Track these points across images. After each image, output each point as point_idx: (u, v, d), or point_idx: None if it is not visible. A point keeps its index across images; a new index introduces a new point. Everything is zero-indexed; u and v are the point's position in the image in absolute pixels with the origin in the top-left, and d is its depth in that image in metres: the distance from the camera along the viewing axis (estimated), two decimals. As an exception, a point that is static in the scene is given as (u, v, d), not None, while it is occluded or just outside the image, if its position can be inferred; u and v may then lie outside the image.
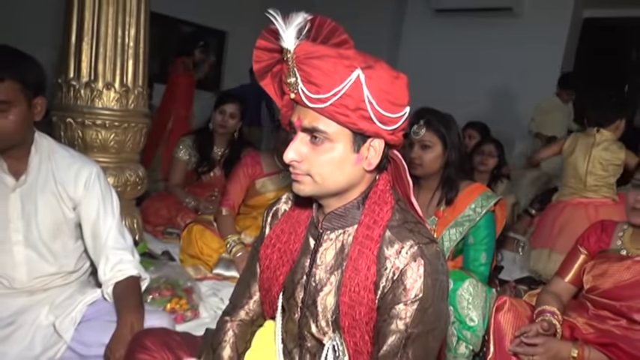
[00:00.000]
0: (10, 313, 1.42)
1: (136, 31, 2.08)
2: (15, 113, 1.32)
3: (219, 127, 2.85)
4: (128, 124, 2.09)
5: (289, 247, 1.07)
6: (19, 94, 1.33)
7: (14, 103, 1.32)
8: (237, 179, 2.43)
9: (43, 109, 1.42)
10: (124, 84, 2.07)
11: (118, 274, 1.48)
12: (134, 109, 2.11)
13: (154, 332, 1.27)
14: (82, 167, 1.52)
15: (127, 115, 2.08)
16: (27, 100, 1.36)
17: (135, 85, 2.10)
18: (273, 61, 0.97)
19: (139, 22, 2.09)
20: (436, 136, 1.74)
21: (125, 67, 2.07)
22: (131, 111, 2.10)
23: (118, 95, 2.04)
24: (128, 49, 2.06)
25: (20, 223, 1.44)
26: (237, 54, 8.12)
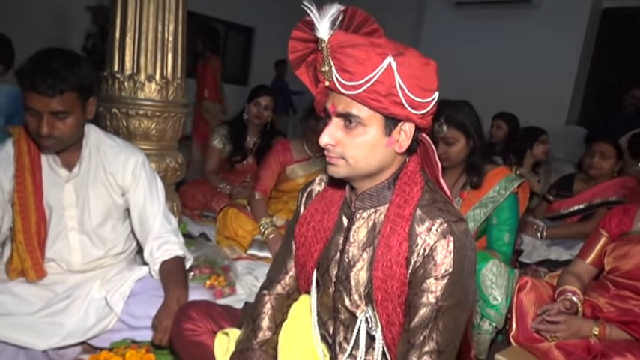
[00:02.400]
0: (66, 288, 1.56)
1: (175, 27, 2.20)
2: (72, 119, 1.41)
3: (254, 118, 2.98)
4: (168, 113, 2.22)
5: (323, 225, 1.15)
6: (77, 102, 1.42)
7: (72, 111, 1.40)
8: (269, 166, 2.56)
9: (94, 107, 1.52)
10: (164, 76, 2.19)
11: (165, 254, 1.60)
12: (173, 99, 2.23)
13: (197, 304, 1.38)
14: (129, 156, 1.63)
15: (166, 106, 2.21)
16: (82, 105, 1.45)
17: (174, 78, 2.23)
18: (307, 51, 1.04)
19: (177, 18, 2.20)
20: (458, 130, 1.81)
21: (165, 61, 2.19)
22: (170, 101, 2.22)
23: (158, 87, 2.17)
24: (167, 43, 2.19)
25: (74, 211, 1.56)
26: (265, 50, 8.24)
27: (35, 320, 1.45)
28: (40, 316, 1.46)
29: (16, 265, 1.49)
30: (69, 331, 1.47)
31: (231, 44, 8.67)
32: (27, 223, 1.48)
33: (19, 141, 1.50)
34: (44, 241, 1.52)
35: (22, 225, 1.48)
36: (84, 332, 1.49)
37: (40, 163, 1.51)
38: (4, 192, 1.48)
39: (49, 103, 1.35)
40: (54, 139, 1.41)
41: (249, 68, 8.71)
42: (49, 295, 1.53)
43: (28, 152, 1.49)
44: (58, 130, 1.39)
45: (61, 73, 1.36)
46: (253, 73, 8.47)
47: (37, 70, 1.34)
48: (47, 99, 1.34)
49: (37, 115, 1.37)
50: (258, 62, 8.35)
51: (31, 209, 1.48)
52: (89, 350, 1.52)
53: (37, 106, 1.35)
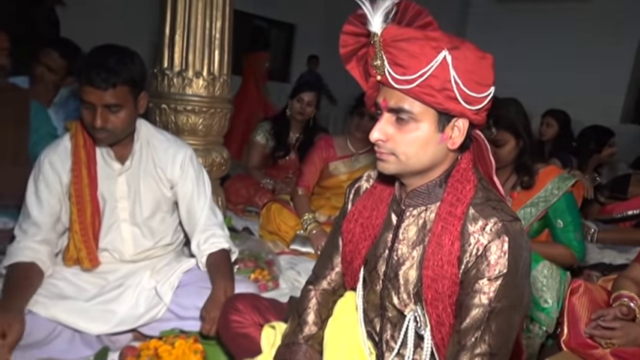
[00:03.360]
0: (118, 277, 1.61)
1: (222, 24, 2.24)
2: (124, 112, 1.46)
3: (297, 114, 2.99)
4: (214, 109, 2.26)
5: (371, 222, 1.14)
6: (129, 96, 1.47)
7: (125, 104, 1.46)
8: (312, 162, 2.57)
9: (145, 102, 1.57)
10: (211, 72, 2.23)
11: (212, 247, 1.63)
12: (220, 95, 2.27)
13: (244, 296, 1.41)
14: (178, 150, 1.67)
15: (213, 102, 2.25)
16: (134, 99, 1.49)
17: (220, 74, 2.26)
18: (358, 45, 1.02)
19: (224, 15, 2.24)
20: (507, 132, 1.76)
21: (212, 57, 2.23)
22: (217, 97, 2.26)
23: (205, 83, 2.22)
24: (215, 40, 2.22)
25: (126, 203, 1.61)
26: (306, 46, 8.29)
27: (89, 307, 1.51)
28: (94, 303, 1.52)
29: (72, 254, 1.55)
30: (121, 319, 1.52)
31: (274, 41, 8.76)
32: (82, 214, 1.54)
33: (76, 135, 1.56)
34: (98, 232, 1.57)
35: (78, 216, 1.54)
36: (135, 320, 1.54)
37: (95, 157, 1.57)
38: (62, 184, 1.54)
39: (102, 97, 1.40)
40: (107, 132, 1.46)
41: (290, 65, 8.78)
42: (102, 283, 1.59)
43: (83, 146, 1.55)
44: (111, 122, 1.44)
45: (115, 67, 1.42)
46: (294, 69, 8.53)
47: (93, 65, 1.40)
48: (101, 92, 1.40)
49: (91, 108, 1.42)
50: (299, 59, 8.40)
51: (86, 201, 1.54)
52: (139, 338, 1.57)
53: (92, 100, 1.41)
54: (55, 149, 1.57)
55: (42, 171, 1.53)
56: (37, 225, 1.50)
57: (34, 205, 1.51)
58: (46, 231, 1.52)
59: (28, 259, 1.45)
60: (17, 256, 1.44)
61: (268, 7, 7.73)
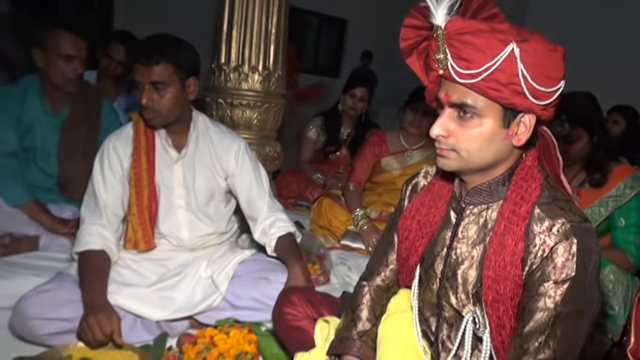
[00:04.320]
0: (177, 265, 1.67)
1: (278, 19, 2.26)
2: (170, 92, 1.52)
3: (350, 109, 2.99)
4: (269, 104, 2.29)
5: (429, 219, 1.12)
6: (173, 76, 1.52)
7: (169, 84, 1.51)
8: (363, 157, 2.55)
9: (196, 89, 1.61)
10: (267, 67, 2.26)
11: (279, 231, 1.68)
12: (274, 90, 2.30)
13: (299, 290, 1.42)
14: (232, 142, 1.72)
15: (268, 96, 2.29)
16: (180, 81, 1.54)
17: (275, 69, 2.29)
18: (419, 39, 1.00)
19: (280, 10, 2.26)
20: (581, 128, 1.68)
21: (268, 53, 2.26)
22: (272, 92, 2.30)
23: (261, 78, 2.25)
24: (271, 35, 2.25)
25: (182, 190, 1.67)
26: (357, 41, 8.25)
27: (150, 293, 1.57)
28: (154, 290, 1.58)
29: (130, 236, 1.62)
30: (179, 306, 1.58)
31: (325, 36, 8.77)
32: (140, 198, 1.61)
33: (137, 123, 1.64)
34: (155, 216, 1.64)
35: (136, 199, 1.61)
36: (192, 308, 1.59)
37: (154, 144, 1.64)
38: (123, 168, 1.62)
39: (147, 73, 1.48)
40: (153, 112, 1.52)
41: (341, 60, 8.76)
42: (162, 270, 1.65)
43: (144, 133, 1.63)
44: (156, 102, 1.50)
45: (160, 46, 1.50)
46: (345, 65, 8.51)
47: (141, 45, 1.52)
48: (146, 69, 1.48)
49: (139, 86, 1.50)
50: (351, 54, 8.37)
51: (144, 185, 1.61)
52: (196, 326, 1.62)
53: (139, 78, 1.49)
54: (118, 135, 1.65)
55: (106, 155, 1.62)
56: (103, 205, 1.58)
57: (101, 186, 1.60)
58: (111, 212, 1.60)
59: (98, 247, 1.52)
60: (88, 244, 1.52)
61: (319, 2, 7.74)
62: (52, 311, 1.41)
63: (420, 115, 2.40)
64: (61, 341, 1.41)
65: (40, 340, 1.42)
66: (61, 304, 1.42)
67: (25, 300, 1.42)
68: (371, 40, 8.21)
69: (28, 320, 1.39)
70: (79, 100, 2.12)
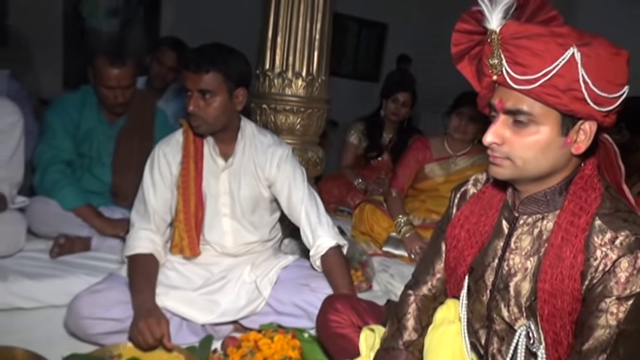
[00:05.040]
0: (221, 269, 1.69)
1: (322, 25, 2.28)
2: (217, 101, 1.53)
3: (392, 114, 2.97)
4: (312, 109, 2.30)
5: (479, 228, 1.08)
6: (222, 85, 1.52)
7: (217, 93, 1.52)
8: (406, 163, 2.52)
9: (244, 99, 1.61)
10: (310, 73, 2.28)
11: (320, 249, 1.64)
12: (317, 96, 2.31)
13: (343, 297, 1.41)
14: (276, 150, 1.71)
15: (311, 102, 2.30)
16: (228, 91, 1.55)
17: (319, 75, 2.30)
18: (472, 44, 0.98)
19: (324, 16, 2.28)
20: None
21: (312, 58, 2.28)
22: (315, 98, 2.31)
23: (304, 84, 2.27)
24: (315, 41, 2.27)
25: (227, 199, 1.68)
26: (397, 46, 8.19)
27: (196, 296, 1.60)
28: (200, 293, 1.61)
29: (177, 242, 1.65)
30: (223, 310, 1.59)
31: (364, 41, 8.74)
32: (187, 205, 1.63)
33: (187, 131, 1.66)
34: (201, 223, 1.66)
35: (183, 206, 1.63)
36: (236, 312, 1.60)
37: (203, 152, 1.66)
38: (172, 175, 1.65)
39: (196, 81, 1.50)
40: (200, 119, 1.53)
41: (381, 65, 8.72)
42: (207, 275, 1.68)
43: (193, 141, 1.65)
44: (203, 110, 1.52)
45: (210, 54, 1.52)
46: (385, 69, 8.46)
47: (193, 52, 1.55)
48: (195, 76, 1.49)
49: (188, 93, 1.52)
50: (391, 59, 8.32)
51: (191, 193, 1.63)
52: (240, 330, 1.64)
53: (188, 85, 1.51)
54: (168, 142, 1.69)
55: (156, 161, 1.66)
56: (152, 211, 1.62)
57: (150, 191, 1.63)
58: (159, 218, 1.63)
59: (147, 251, 1.56)
60: (138, 248, 1.56)
61: (359, 6, 7.72)
62: (103, 311, 1.45)
63: (466, 121, 2.35)
64: (112, 340, 1.45)
65: (93, 339, 1.46)
66: (112, 304, 1.47)
67: (78, 299, 1.47)
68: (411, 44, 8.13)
69: (81, 319, 1.45)
70: (134, 112, 2.19)
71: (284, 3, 2.21)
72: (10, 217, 1.77)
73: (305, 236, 1.69)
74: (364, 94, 6.97)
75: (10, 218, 1.77)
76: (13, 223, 1.77)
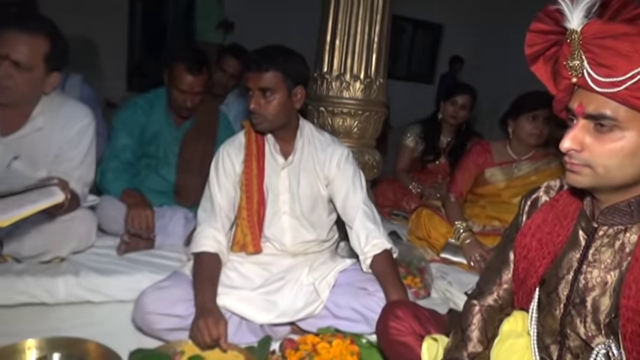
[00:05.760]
0: (280, 270, 1.71)
1: (381, 28, 2.26)
2: (276, 99, 1.58)
3: (450, 117, 2.90)
4: (370, 112, 2.29)
5: (552, 239, 1.03)
6: (281, 83, 1.58)
7: (276, 91, 1.57)
8: (466, 167, 2.45)
9: (303, 98, 1.66)
10: (368, 76, 2.27)
11: (374, 249, 1.63)
12: (375, 99, 2.30)
13: (404, 303, 1.38)
14: (336, 149, 1.74)
15: (369, 105, 2.29)
16: (287, 89, 1.60)
17: (377, 78, 2.29)
18: (547, 44, 0.93)
19: (383, 18, 2.26)
20: None
21: (370, 61, 2.27)
22: (372, 101, 2.29)
23: (362, 86, 2.26)
24: (373, 44, 2.25)
25: (287, 197, 1.71)
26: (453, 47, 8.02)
27: (255, 296, 1.62)
28: (259, 293, 1.63)
29: (239, 239, 1.69)
30: (282, 311, 1.60)
31: (419, 42, 8.63)
32: (250, 202, 1.68)
33: (249, 131, 1.72)
34: (262, 220, 1.70)
35: (246, 203, 1.68)
36: (294, 313, 1.61)
37: (264, 151, 1.71)
38: (235, 174, 1.71)
39: (257, 80, 1.56)
40: (260, 117, 1.59)
41: (435, 66, 8.57)
42: (266, 274, 1.70)
43: (255, 140, 1.71)
44: (263, 107, 1.57)
45: (271, 54, 1.58)
46: (440, 71, 8.31)
47: (255, 53, 1.62)
48: (256, 75, 1.56)
49: (250, 93, 1.58)
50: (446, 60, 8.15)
51: (254, 190, 1.68)
52: (297, 332, 1.64)
53: (250, 84, 1.58)
54: (231, 143, 1.75)
55: (221, 161, 1.72)
56: (218, 208, 1.67)
57: (216, 189, 1.69)
58: (224, 215, 1.68)
59: (213, 250, 1.61)
60: (205, 246, 1.61)
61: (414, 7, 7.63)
62: (167, 307, 1.50)
63: (541, 124, 2.25)
64: (175, 336, 1.49)
65: (157, 334, 1.52)
66: (175, 301, 1.51)
67: (144, 295, 1.52)
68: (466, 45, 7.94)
69: (146, 314, 1.50)
70: (200, 116, 2.28)
71: (343, 6, 2.21)
72: (82, 215, 1.86)
73: (356, 237, 1.69)
74: (418, 96, 6.88)
75: (82, 216, 1.86)
76: (84, 220, 1.87)
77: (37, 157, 1.78)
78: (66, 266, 1.79)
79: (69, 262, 1.82)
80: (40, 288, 1.67)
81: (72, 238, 1.83)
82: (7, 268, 1.71)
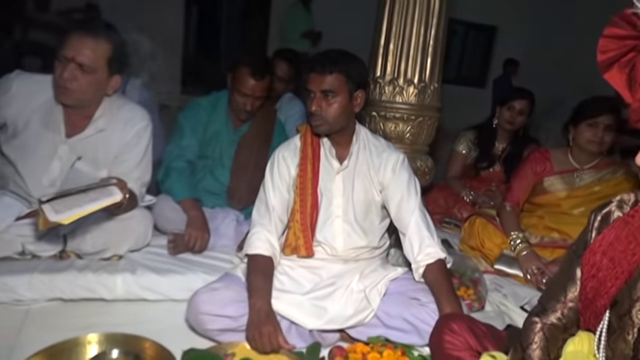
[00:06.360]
0: (331, 276, 1.70)
1: (437, 31, 2.20)
2: (338, 101, 1.60)
3: (507, 123, 2.80)
4: (423, 117, 2.23)
5: (626, 258, 0.97)
6: (343, 86, 1.60)
7: (338, 93, 1.59)
8: (523, 176, 2.35)
9: (362, 101, 1.67)
10: (423, 80, 2.21)
11: (427, 258, 1.61)
12: (429, 104, 2.24)
13: (460, 317, 1.34)
14: (391, 154, 1.73)
15: (422, 110, 2.23)
16: (349, 92, 1.61)
17: (432, 82, 2.23)
18: (623, 50, 0.89)
19: (439, 21, 2.20)
20: None
21: (424, 65, 2.21)
22: (426, 106, 2.24)
23: (416, 91, 2.21)
24: (428, 47, 2.20)
25: (341, 201, 1.70)
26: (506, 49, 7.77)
27: (305, 301, 1.61)
28: (309, 298, 1.62)
29: (291, 242, 1.69)
30: (331, 317, 1.59)
31: (471, 45, 8.41)
32: (304, 205, 1.68)
33: (305, 135, 1.74)
34: (315, 223, 1.70)
35: (300, 206, 1.69)
36: (343, 321, 1.59)
37: (320, 154, 1.72)
38: (290, 177, 1.73)
39: (320, 82, 1.59)
40: (321, 119, 1.61)
41: (488, 69, 8.32)
42: (316, 279, 1.69)
43: (310, 144, 1.73)
44: (324, 110, 1.60)
45: (334, 57, 1.61)
46: (492, 74, 8.05)
47: (318, 56, 1.65)
48: (319, 77, 1.59)
49: (311, 95, 1.61)
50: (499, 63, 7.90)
51: (308, 194, 1.69)
52: (347, 339, 1.62)
53: (312, 86, 1.60)
54: (287, 146, 1.77)
55: (276, 163, 1.74)
56: (272, 210, 1.69)
57: (270, 191, 1.71)
58: (277, 217, 1.69)
59: (267, 253, 1.63)
60: (259, 248, 1.63)
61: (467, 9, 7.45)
62: (219, 308, 1.52)
63: (602, 132, 2.13)
64: (226, 337, 1.51)
65: (209, 334, 1.54)
66: (227, 302, 1.53)
67: (197, 295, 1.55)
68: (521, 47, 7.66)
69: (199, 315, 1.53)
70: (257, 120, 2.34)
71: (398, 9, 2.17)
72: (140, 215, 1.92)
73: (409, 245, 1.66)
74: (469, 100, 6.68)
75: (140, 215, 1.92)
76: (142, 219, 1.93)
77: (99, 158, 1.86)
78: (124, 264, 1.85)
79: (126, 260, 1.88)
80: (99, 284, 1.73)
81: (130, 236, 1.89)
82: (70, 264, 1.79)
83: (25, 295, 1.66)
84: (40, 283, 1.68)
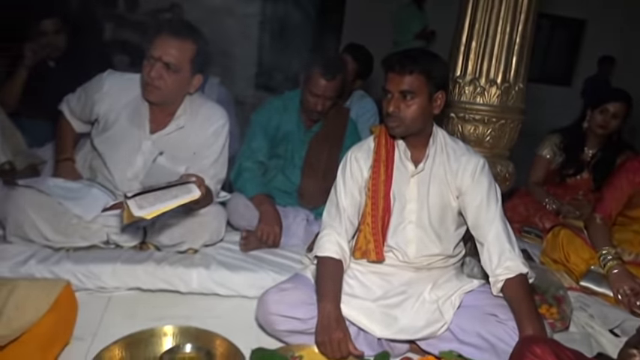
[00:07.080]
0: (401, 283, 1.64)
1: (524, 28, 2.06)
2: (416, 103, 1.54)
3: (598, 127, 2.59)
4: (505, 120, 2.10)
5: None
6: (423, 87, 1.53)
7: (417, 94, 1.53)
8: (618, 185, 2.15)
9: (442, 103, 1.60)
10: (506, 80, 2.08)
11: (507, 272, 1.51)
12: (513, 105, 2.11)
13: (544, 340, 1.25)
14: (470, 158, 1.64)
15: (504, 112, 2.10)
16: (429, 93, 1.55)
17: (516, 82, 2.09)
18: None
19: (528, 18, 2.05)
20: None
21: (509, 64, 2.07)
22: (509, 107, 2.10)
23: (499, 92, 2.08)
24: (514, 45, 2.06)
25: (415, 205, 1.64)
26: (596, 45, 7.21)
27: (374, 308, 1.57)
28: (379, 305, 1.58)
29: (361, 245, 1.64)
30: (401, 327, 1.54)
31: (557, 40, 7.90)
32: (375, 208, 1.63)
33: (379, 136, 1.69)
34: (387, 227, 1.64)
35: (372, 209, 1.63)
36: (414, 332, 1.53)
37: (394, 157, 1.66)
38: (362, 178, 1.68)
39: (399, 82, 1.53)
40: (398, 120, 1.55)
41: (575, 67, 7.79)
42: (387, 286, 1.64)
43: (384, 145, 1.67)
44: (402, 111, 1.54)
45: (415, 56, 1.55)
46: (580, 72, 7.52)
47: (397, 54, 1.58)
48: (399, 77, 1.53)
49: (388, 95, 1.56)
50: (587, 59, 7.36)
51: (380, 196, 1.63)
52: (417, 351, 1.57)
53: (390, 86, 1.55)
54: (360, 147, 1.73)
55: (349, 165, 1.70)
56: (342, 211, 1.65)
57: (342, 193, 1.68)
58: (348, 219, 1.65)
59: (337, 256, 1.60)
60: (329, 251, 1.60)
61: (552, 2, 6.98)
62: (288, 309, 1.52)
63: None
64: (294, 339, 1.51)
65: (277, 335, 1.55)
66: (297, 304, 1.53)
67: (267, 295, 1.56)
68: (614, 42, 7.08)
69: (269, 314, 1.53)
70: (329, 120, 2.33)
71: (482, 4, 2.05)
72: (215, 211, 1.97)
73: (488, 256, 1.56)
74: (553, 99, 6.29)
75: (215, 211, 1.97)
76: (217, 215, 1.98)
77: (179, 154, 1.93)
78: (199, 258, 1.91)
79: (201, 255, 1.94)
80: (176, 277, 1.80)
81: (205, 231, 1.94)
82: (149, 256, 1.88)
83: (109, 283, 1.76)
84: (122, 272, 1.77)
